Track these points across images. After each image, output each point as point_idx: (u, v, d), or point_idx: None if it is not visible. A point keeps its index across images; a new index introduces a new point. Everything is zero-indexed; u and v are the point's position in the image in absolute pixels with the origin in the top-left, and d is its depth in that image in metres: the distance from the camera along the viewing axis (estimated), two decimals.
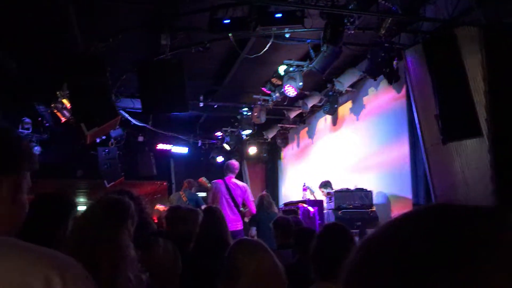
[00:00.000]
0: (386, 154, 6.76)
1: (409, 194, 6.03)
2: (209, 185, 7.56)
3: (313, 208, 6.28)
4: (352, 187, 6.78)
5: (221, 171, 7.31)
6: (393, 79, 5.62)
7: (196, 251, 3.08)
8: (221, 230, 3.31)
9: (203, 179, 8.21)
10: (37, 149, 8.46)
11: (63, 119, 6.83)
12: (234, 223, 6.32)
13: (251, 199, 6.70)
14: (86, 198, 11.30)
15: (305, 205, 6.33)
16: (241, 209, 6.58)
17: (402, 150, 6.22)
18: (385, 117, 6.81)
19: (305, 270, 2.94)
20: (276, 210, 7.25)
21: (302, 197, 7.29)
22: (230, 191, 6.42)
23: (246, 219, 7.68)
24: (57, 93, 6.56)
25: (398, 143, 6.39)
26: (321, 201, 6.83)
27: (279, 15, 4.78)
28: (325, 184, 7.27)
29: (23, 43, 6.04)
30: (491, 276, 0.50)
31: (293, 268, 3.51)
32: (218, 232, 3.29)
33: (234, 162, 6.89)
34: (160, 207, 9.38)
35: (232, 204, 6.36)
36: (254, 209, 6.69)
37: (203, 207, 5.92)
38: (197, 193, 8.12)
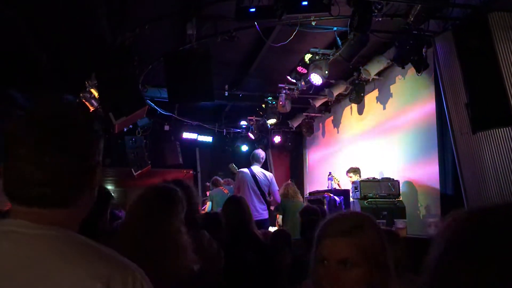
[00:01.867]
0: (414, 143, 6.67)
1: (436, 184, 5.94)
2: (227, 190, 7.67)
3: (339, 197, 6.26)
4: (378, 177, 6.72)
5: (246, 160, 7.36)
6: (422, 67, 5.51)
7: (223, 239, 3.11)
8: (245, 219, 3.32)
9: (232, 165, 8.36)
10: None
11: (92, 109, 6.96)
12: (261, 212, 6.34)
13: (276, 189, 6.72)
14: (114, 186, 11.52)
15: (331, 194, 6.30)
16: (268, 198, 6.60)
17: (430, 139, 6.12)
18: (412, 106, 6.70)
19: None
20: (301, 198, 7.26)
21: (328, 186, 7.26)
22: (256, 180, 6.43)
23: (272, 208, 7.73)
24: (86, 82, 6.68)
25: (426, 132, 6.29)
26: (347, 191, 6.80)
27: (305, 2, 4.73)
28: (354, 170, 7.21)
29: (53, 34, 6.15)
30: None
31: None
32: (242, 221, 3.30)
33: (260, 152, 6.91)
34: None
35: (259, 192, 6.38)
36: (279, 198, 6.71)
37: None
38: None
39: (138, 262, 1.03)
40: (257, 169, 6.59)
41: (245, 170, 6.57)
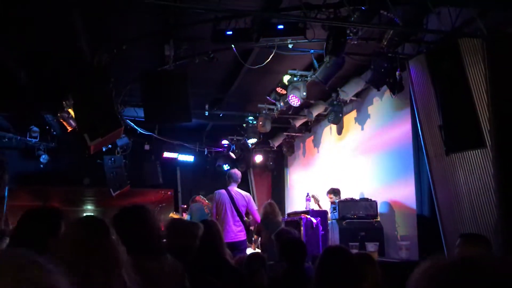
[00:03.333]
0: (391, 164, 6.73)
1: (413, 205, 5.99)
2: (207, 202, 7.61)
3: (316, 219, 6.25)
4: (357, 197, 6.74)
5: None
6: (396, 89, 5.59)
7: (194, 266, 3.08)
8: (216, 245, 3.31)
9: (200, 197, 8.27)
10: (44, 157, 8.56)
11: (70, 128, 6.91)
12: (237, 233, 6.30)
13: (255, 208, 6.69)
14: (93, 206, 11.37)
15: (308, 216, 6.29)
16: (245, 219, 6.57)
17: (406, 160, 6.19)
18: (389, 127, 6.78)
19: (292, 282, 2.95)
20: (281, 219, 7.23)
21: (306, 207, 7.26)
22: (233, 200, 6.39)
23: (252, 228, 7.68)
24: (63, 102, 6.64)
25: (403, 153, 6.35)
26: (325, 211, 6.80)
27: (281, 26, 4.81)
28: (334, 191, 7.24)
29: (32, 53, 6.13)
30: None
31: (281, 279, 3.55)
32: (214, 247, 3.29)
33: (237, 171, 6.89)
34: (175, 215, 9.43)
35: (236, 213, 6.33)
36: (258, 217, 6.67)
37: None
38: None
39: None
40: (234, 189, 6.54)
41: (222, 191, 6.52)
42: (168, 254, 2.62)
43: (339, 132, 8.34)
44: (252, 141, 9.01)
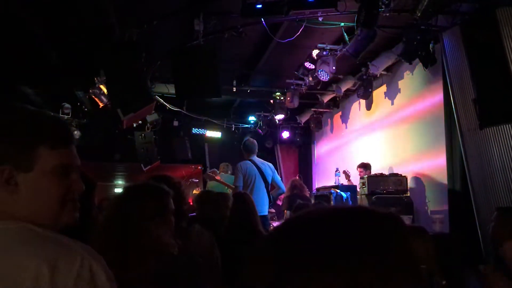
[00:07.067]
0: (422, 138, 6.64)
1: (444, 179, 5.93)
2: (218, 177, 7.36)
3: (345, 193, 6.25)
4: (386, 172, 6.71)
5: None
6: (429, 62, 5.48)
7: (226, 237, 3.14)
8: (250, 217, 3.33)
9: (215, 170, 8.29)
10: (76, 133, 8.75)
11: (101, 105, 7.04)
12: (267, 205, 6.12)
13: (280, 178, 6.41)
14: (124, 181, 11.63)
15: (337, 190, 6.30)
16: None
17: (438, 134, 6.10)
18: (420, 102, 6.67)
19: None
20: (308, 194, 7.27)
21: (335, 182, 7.26)
22: (261, 171, 5.99)
23: (279, 202, 7.73)
24: (95, 79, 6.75)
25: (434, 127, 6.25)
26: (354, 186, 6.80)
27: None
28: (365, 166, 7.21)
29: (63, 31, 6.23)
30: None
31: None
32: (248, 220, 3.31)
33: (253, 140, 6.36)
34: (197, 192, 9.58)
35: (264, 185, 5.95)
36: (284, 187, 6.41)
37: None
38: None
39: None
40: (257, 159, 6.17)
41: (248, 162, 6.09)
42: (197, 224, 2.69)
43: (368, 107, 8.25)
44: (279, 117, 9.01)
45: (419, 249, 2.25)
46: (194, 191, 9.58)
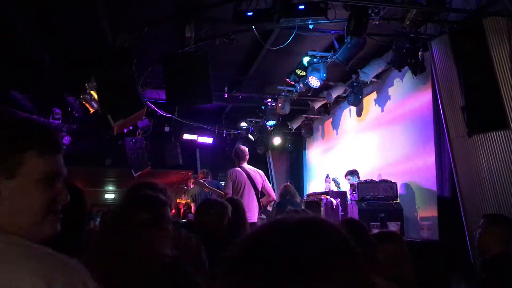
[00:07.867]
0: (412, 145, 6.70)
1: (433, 186, 5.96)
2: (201, 184, 7.30)
3: (336, 199, 6.28)
4: (376, 179, 6.75)
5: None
6: (418, 70, 5.54)
7: (220, 243, 3.14)
8: (244, 222, 3.33)
9: (199, 177, 8.33)
10: (67, 139, 8.72)
11: (92, 110, 7.02)
12: (257, 212, 6.20)
13: (270, 186, 6.50)
14: (115, 186, 11.59)
15: (328, 197, 6.33)
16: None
17: (427, 142, 6.15)
18: (410, 109, 6.73)
19: None
20: (299, 200, 7.28)
21: (325, 189, 7.29)
22: (251, 178, 6.08)
23: (269, 208, 7.73)
24: (86, 84, 6.74)
25: (423, 135, 6.32)
26: (344, 193, 6.83)
27: (302, 6, 4.77)
28: (352, 173, 7.24)
29: (55, 35, 6.22)
30: None
31: None
32: (242, 225, 3.32)
33: (244, 148, 6.52)
34: (181, 200, 9.60)
35: (254, 192, 6.04)
36: (274, 195, 6.48)
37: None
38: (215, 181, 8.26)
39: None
40: (248, 167, 6.26)
41: (238, 169, 6.19)
42: (183, 229, 2.70)
43: (359, 114, 8.30)
44: (271, 123, 9.04)
45: (390, 254, 2.29)
46: (178, 200, 9.59)
